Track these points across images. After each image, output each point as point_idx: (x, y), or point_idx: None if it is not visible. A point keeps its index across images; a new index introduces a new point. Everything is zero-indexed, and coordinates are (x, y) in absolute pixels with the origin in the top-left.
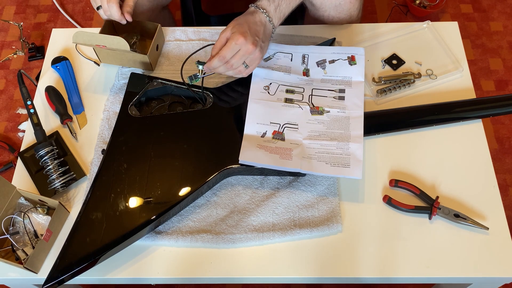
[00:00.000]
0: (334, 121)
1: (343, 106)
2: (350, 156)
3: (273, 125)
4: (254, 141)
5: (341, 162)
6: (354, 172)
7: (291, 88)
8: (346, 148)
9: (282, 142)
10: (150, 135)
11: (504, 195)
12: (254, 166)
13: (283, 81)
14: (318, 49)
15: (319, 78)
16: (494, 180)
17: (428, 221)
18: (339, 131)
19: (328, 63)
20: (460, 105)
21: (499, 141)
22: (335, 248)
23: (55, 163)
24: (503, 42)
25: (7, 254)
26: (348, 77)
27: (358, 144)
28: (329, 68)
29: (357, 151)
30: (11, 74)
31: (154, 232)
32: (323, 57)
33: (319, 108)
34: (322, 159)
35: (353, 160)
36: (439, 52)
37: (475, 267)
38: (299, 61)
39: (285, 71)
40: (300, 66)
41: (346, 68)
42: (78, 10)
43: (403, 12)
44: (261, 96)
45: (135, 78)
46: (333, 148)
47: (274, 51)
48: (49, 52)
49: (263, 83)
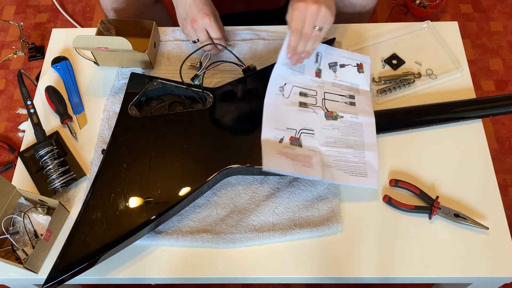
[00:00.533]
0: (348, 127)
1: (356, 112)
2: (366, 165)
3: (289, 130)
4: (273, 147)
5: (359, 171)
6: (372, 182)
7: (304, 90)
8: (362, 156)
9: (300, 149)
10: (150, 135)
11: (504, 195)
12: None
13: (297, 82)
14: (331, 50)
15: (330, 82)
16: (494, 180)
17: (428, 221)
18: (354, 138)
19: (339, 67)
20: (460, 105)
21: (499, 141)
22: (335, 248)
23: (55, 163)
24: (503, 42)
25: (7, 254)
26: (356, 84)
27: (373, 153)
28: (340, 72)
29: (373, 160)
30: (11, 74)
31: (154, 232)
32: (335, 59)
33: (333, 113)
34: (341, 167)
35: (369, 169)
36: (439, 52)
37: (475, 267)
38: (312, 59)
39: (299, 70)
40: (313, 64)
41: (355, 75)
42: (78, 10)
43: (403, 12)
44: (276, 99)
45: (135, 78)
46: (350, 157)
47: None
48: (49, 52)
49: (278, 83)
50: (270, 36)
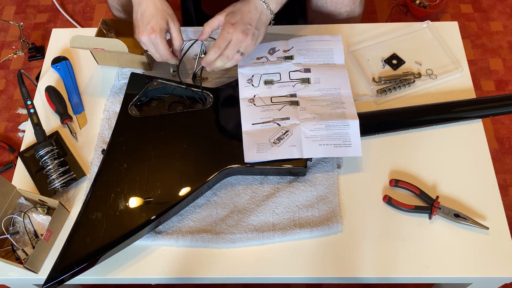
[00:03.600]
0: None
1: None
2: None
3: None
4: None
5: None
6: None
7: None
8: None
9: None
10: (150, 135)
11: (504, 195)
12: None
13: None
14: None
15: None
16: (494, 180)
17: (428, 221)
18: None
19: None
20: (460, 105)
21: (499, 141)
22: (335, 248)
23: (55, 163)
24: (503, 42)
25: (7, 254)
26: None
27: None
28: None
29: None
30: (11, 74)
31: (154, 232)
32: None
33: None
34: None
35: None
36: (439, 52)
37: (475, 267)
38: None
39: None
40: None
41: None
42: (78, 10)
43: (403, 12)
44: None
45: (135, 78)
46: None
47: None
48: (49, 52)
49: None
50: (270, 37)
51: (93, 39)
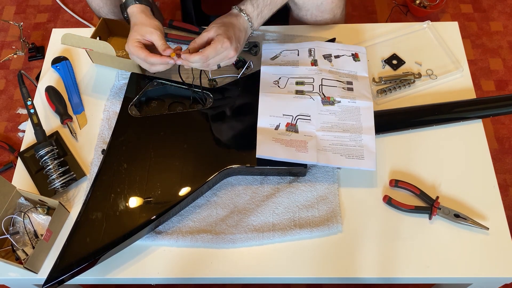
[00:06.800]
0: (345, 112)
1: (353, 96)
2: (363, 148)
3: (286, 117)
4: (269, 135)
5: (355, 154)
6: (369, 164)
7: (301, 79)
8: (359, 140)
9: (296, 135)
10: (150, 135)
11: (504, 195)
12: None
13: (292, 74)
14: (324, 44)
15: (327, 69)
16: (494, 180)
17: (428, 221)
18: (351, 122)
19: (333, 57)
20: (460, 105)
21: (499, 141)
22: (335, 248)
23: (55, 163)
24: (503, 42)
25: (7, 254)
26: (354, 72)
27: (370, 136)
28: (335, 62)
29: (370, 143)
30: (11, 74)
31: (154, 232)
32: (329, 51)
33: (330, 98)
34: (337, 151)
35: (366, 151)
36: (439, 52)
37: (475, 267)
38: (305, 54)
39: (293, 64)
40: (307, 58)
41: (351, 63)
42: (78, 10)
43: (403, 12)
44: (272, 90)
45: (135, 78)
46: (347, 140)
47: (280, 50)
48: (49, 52)
49: (272, 79)
50: (269, 36)
51: (83, 39)
